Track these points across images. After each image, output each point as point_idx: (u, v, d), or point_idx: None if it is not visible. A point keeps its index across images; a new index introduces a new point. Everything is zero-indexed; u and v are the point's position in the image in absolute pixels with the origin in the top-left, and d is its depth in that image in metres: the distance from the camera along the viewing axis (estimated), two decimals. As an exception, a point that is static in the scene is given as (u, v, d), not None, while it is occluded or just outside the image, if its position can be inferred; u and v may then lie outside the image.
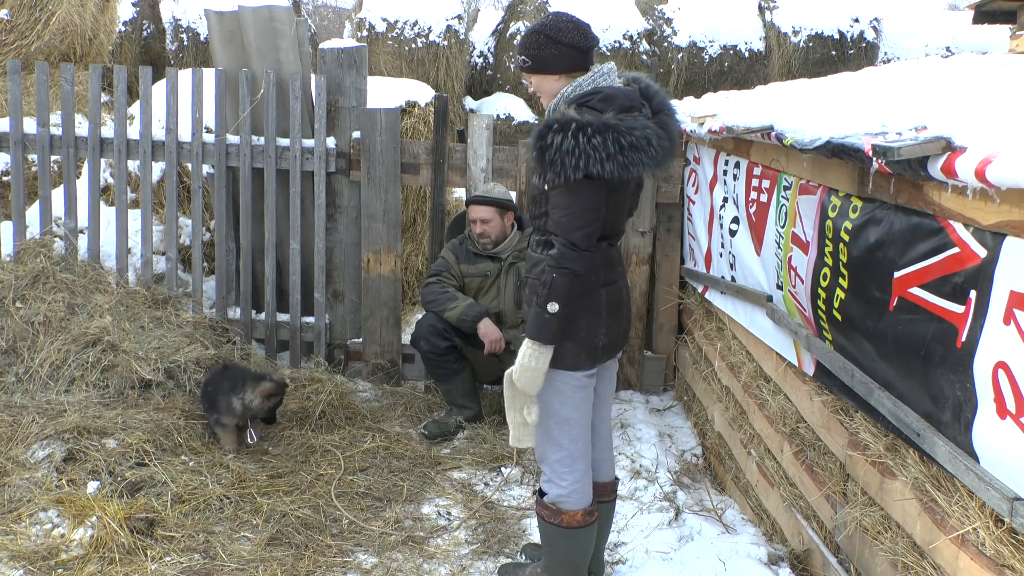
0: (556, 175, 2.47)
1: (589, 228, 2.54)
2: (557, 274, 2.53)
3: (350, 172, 4.91)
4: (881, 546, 2.43)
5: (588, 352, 2.69)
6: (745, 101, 3.64)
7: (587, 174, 2.44)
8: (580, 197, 2.51)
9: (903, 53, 11.49)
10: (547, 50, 2.65)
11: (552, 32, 2.64)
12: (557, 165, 2.45)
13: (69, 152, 4.91)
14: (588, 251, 2.55)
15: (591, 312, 2.67)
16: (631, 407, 4.70)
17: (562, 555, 2.84)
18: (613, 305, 2.74)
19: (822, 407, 2.86)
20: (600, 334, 2.70)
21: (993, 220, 1.87)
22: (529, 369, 2.59)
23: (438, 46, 10.70)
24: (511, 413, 2.67)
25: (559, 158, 2.45)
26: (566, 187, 2.50)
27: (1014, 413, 1.79)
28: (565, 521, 2.77)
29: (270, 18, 4.80)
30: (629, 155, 2.47)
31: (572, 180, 2.46)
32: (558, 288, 2.53)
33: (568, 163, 2.44)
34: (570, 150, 2.43)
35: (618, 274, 2.79)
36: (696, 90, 10.73)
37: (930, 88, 2.50)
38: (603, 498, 2.97)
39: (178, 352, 4.31)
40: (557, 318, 2.55)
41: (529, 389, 2.62)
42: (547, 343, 2.58)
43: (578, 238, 2.52)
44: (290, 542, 3.25)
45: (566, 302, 2.55)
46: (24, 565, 2.98)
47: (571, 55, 2.65)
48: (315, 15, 21.80)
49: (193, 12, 11.47)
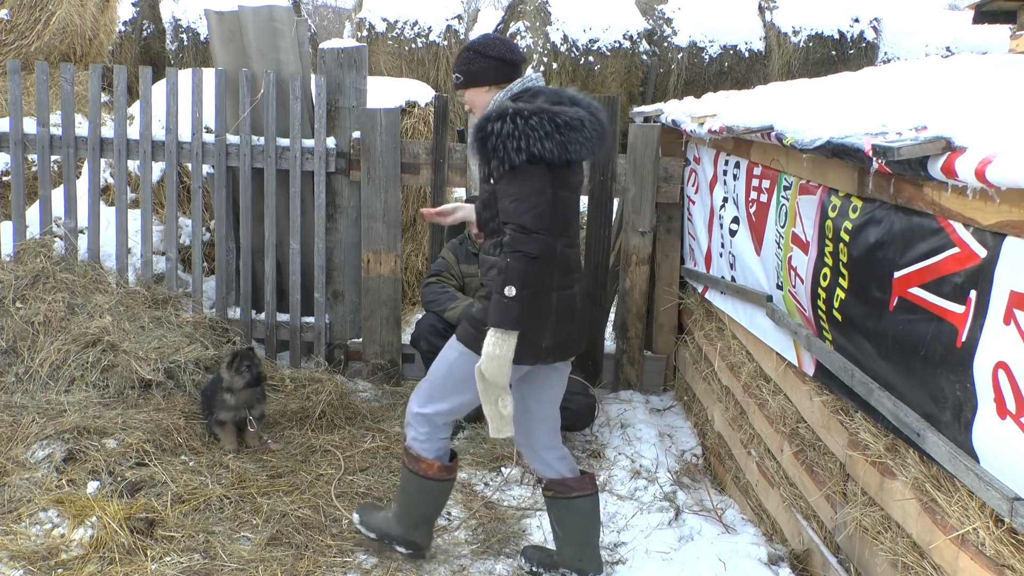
0: (500, 161, 2.59)
1: (538, 210, 2.62)
2: (511, 258, 2.60)
3: (350, 172, 4.91)
4: (881, 546, 2.43)
5: (530, 351, 2.74)
6: (745, 101, 3.64)
7: (529, 156, 2.57)
8: (525, 181, 2.61)
9: (903, 53, 11.49)
10: (476, 64, 2.84)
11: (479, 47, 2.84)
12: (500, 150, 2.58)
13: (69, 152, 4.91)
14: (539, 233, 2.61)
15: (541, 314, 2.73)
16: (631, 407, 4.70)
17: (411, 501, 3.04)
18: (564, 310, 2.80)
19: (822, 407, 2.86)
20: (545, 336, 2.77)
21: (993, 220, 1.87)
22: (495, 358, 2.63)
23: (438, 46, 10.70)
24: (486, 406, 2.72)
25: (500, 143, 2.57)
26: (511, 174, 2.61)
27: (1014, 413, 1.79)
28: (421, 469, 2.96)
29: (270, 18, 4.80)
30: (566, 134, 2.61)
31: (516, 163, 2.58)
32: (513, 272, 2.60)
33: (510, 146, 2.56)
34: (510, 132, 2.56)
35: (574, 280, 2.85)
36: (696, 90, 10.73)
37: (930, 88, 2.50)
38: (567, 494, 3.00)
39: (178, 352, 4.32)
40: (517, 301, 2.61)
41: (499, 379, 2.66)
42: (510, 328, 2.62)
43: (528, 220, 2.60)
44: (290, 542, 3.25)
45: (523, 284, 2.61)
46: (24, 565, 2.98)
47: (499, 67, 2.83)
48: (315, 15, 21.79)
49: (193, 12, 11.48)
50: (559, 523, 3.07)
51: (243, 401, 3.90)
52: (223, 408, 3.87)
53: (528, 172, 2.61)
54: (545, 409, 3.01)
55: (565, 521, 3.05)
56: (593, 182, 4.83)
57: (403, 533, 3.11)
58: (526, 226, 2.60)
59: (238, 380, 3.86)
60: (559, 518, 3.06)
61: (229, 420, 3.90)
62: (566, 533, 3.06)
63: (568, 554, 3.05)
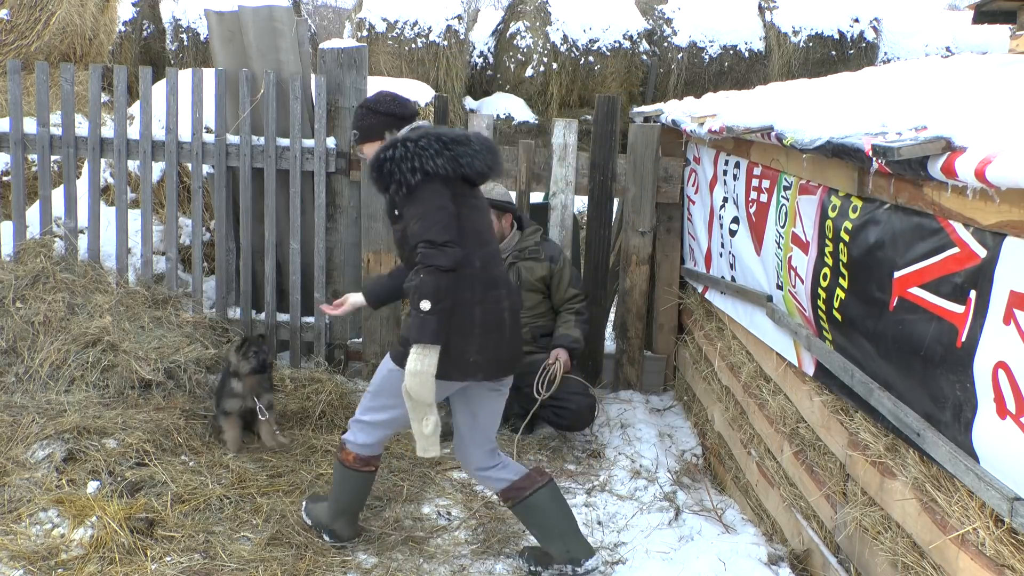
0: (398, 184, 2.77)
1: (443, 223, 2.74)
2: (424, 273, 2.70)
3: (350, 172, 4.91)
4: (881, 546, 2.43)
5: (457, 366, 2.82)
6: (745, 101, 3.64)
7: (423, 174, 2.74)
8: (425, 198, 2.76)
9: (903, 53, 11.49)
10: (368, 120, 3.04)
11: (372, 104, 3.05)
12: (396, 173, 2.76)
13: (69, 152, 4.91)
14: (448, 245, 2.71)
15: (463, 330, 2.81)
16: (631, 407, 4.70)
17: (336, 488, 3.18)
18: (490, 324, 2.87)
19: (822, 407, 2.86)
20: (470, 350, 2.83)
21: (993, 220, 1.87)
22: (416, 373, 2.71)
23: (438, 46, 10.70)
24: (413, 424, 2.82)
25: (395, 167, 2.76)
26: (410, 196, 2.77)
27: (1014, 413, 1.79)
28: (341, 457, 3.12)
29: (270, 18, 4.80)
30: (454, 148, 2.81)
31: (412, 183, 2.75)
32: (426, 285, 2.69)
33: (404, 167, 2.75)
34: (402, 156, 2.76)
35: (501, 295, 2.93)
36: (696, 90, 10.73)
37: (930, 88, 2.50)
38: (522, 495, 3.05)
39: (178, 352, 4.31)
40: (434, 315, 2.69)
41: (423, 395, 2.73)
42: (429, 342, 2.70)
43: (434, 234, 2.71)
44: (290, 542, 3.25)
45: (437, 298, 2.69)
46: (24, 565, 2.98)
47: (390, 121, 3.02)
48: (315, 15, 21.79)
49: (193, 12, 11.48)
50: (530, 524, 3.13)
51: (249, 388, 3.89)
52: (229, 396, 3.87)
53: (426, 190, 2.76)
54: (480, 433, 3.09)
55: (534, 520, 3.11)
56: (593, 182, 4.83)
57: (328, 522, 3.23)
58: (434, 240, 2.71)
59: (244, 365, 3.87)
60: (528, 520, 3.13)
61: (235, 411, 3.89)
62: (542, 531, 3.10)
63: (555, 550, 3.09)
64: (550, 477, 3.14)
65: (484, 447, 3.09)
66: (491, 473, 3.09)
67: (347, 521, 3.23)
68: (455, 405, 3.08)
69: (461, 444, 3.11)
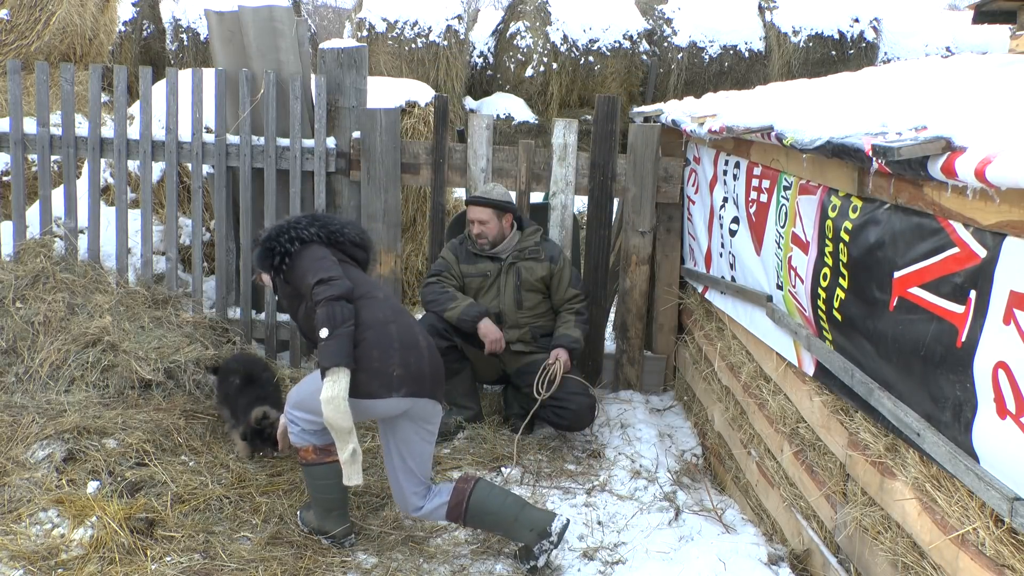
0: (280, 255, 3.11)
1: (325, 265, 3.05)
2: (318, 308, 2.94)
3: (350, 172, 4.90)
4: (881, 546, 2.43)
5: (381, 380, 2.96)
6: (745, 101, 3.65)
7: (300, 240, 3.13)
8: (306, 255, 3.11)
9: (903, 53, 11.50)
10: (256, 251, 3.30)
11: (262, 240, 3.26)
12: (278, 246, 3.12)
13: (69, 152, 4.91)
14: (334, 280, 2.98)
15: (382, 344, 2.99)
16: (631, 407, 4.70)
17: (311, 489, 3.25)
18: (408, 341, 3.07)
19: (822, 407, 2.86)
20: (393, 364, 2.99)
21: (993, 220, 1.87)
22: (330, 400, 2.84)
23: (438, 46, 10.70)
24: (339, 453, 2.93)
25: (275, 243, 3.13)
26: (292, 262, 3.12)
27: (1014, 413, 1.79)
28: (302, 457, 3.21)
29: (270, 18, 4.80)
30: (323, 218, 3.27)
31: (291, 250, 3.11)
32: (321, 316, 2.92)
33: (283, 239, 3.13)
34: (281, 230, 3.17)
35: (411, 317, 3.23)
36: (696, 90, 10.73)
37: (930, 88, 2.50)
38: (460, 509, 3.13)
39: (178, 352, 4.31)
40: (334, 339, 2.89)
41: (339, 420, 2.85)
42: (336, 364, 2.86)
43: (321, 274, 3.00)
44: (290, 542, 3.25)
45: (333, 323, 2.91)
46: (24, 565, 2.98)
47: None
48: (315, 15, 21.79)
49: (193, 12, 11.48)
50: (489, 527, 3.22)
51: None
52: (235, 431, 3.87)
53: (305, 250, 3.13)
54: (410, 462, 3.14)
55: (487, 522, 3.18)
56: (593, 182, 4.83)
57: (318, 524, 3.27)
58: (321, 279, 2.98)
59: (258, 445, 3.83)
60: (483, 525, 3.21)
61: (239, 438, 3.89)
62: (501, 527, 3.17)
63: (523, 537, 3.14)
64: (476, 478, 3.21)
65: (416, 475, 3.15)
66: (427, 508, 3.16)
67: (336, 517, 3.25)
68: (386, 448, 3.15)
69: (395, 476, 3.15)
